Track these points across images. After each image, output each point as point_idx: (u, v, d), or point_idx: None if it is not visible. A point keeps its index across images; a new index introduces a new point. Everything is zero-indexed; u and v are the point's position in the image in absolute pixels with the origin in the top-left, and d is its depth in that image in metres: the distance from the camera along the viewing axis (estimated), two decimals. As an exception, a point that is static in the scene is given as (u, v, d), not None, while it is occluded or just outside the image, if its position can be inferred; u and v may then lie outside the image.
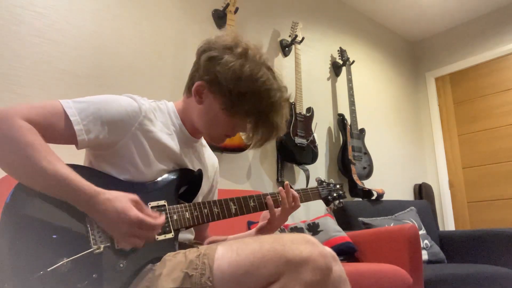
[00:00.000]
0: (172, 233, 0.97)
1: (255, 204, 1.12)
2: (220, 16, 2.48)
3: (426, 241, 2.61)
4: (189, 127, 1.12)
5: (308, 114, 2.72)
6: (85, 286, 0.82)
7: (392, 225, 2.52)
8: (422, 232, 2.65)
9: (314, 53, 3.15)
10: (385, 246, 2.01)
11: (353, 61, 3.24)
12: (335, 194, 1.34)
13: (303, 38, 2.83)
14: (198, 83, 1.05)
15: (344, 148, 2.96)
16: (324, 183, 1.35)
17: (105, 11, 2.03)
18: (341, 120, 3.03)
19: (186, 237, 1.12)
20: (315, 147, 2.67)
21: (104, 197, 0.86)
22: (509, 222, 3.41)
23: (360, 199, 2.90)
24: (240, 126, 1.08)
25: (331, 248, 0.97)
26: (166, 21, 2.27)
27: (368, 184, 3.13)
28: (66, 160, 0.89)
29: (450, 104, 3.94)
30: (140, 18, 2.16)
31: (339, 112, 3.15)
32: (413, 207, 2.85)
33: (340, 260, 0.98)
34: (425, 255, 2.53)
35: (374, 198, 2.82)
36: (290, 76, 2.84)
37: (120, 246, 0.89)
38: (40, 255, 0.81)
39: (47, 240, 0.83)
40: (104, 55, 1.99)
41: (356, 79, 3.40)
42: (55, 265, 0.81)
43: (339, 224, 2.35)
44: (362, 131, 3.14)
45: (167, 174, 1.04)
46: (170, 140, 1.06)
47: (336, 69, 3.28)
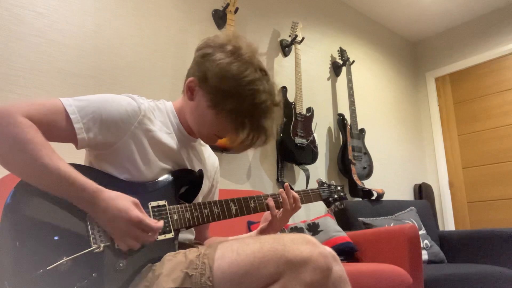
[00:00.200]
0: (172, 233, 0.97)
1: (255, 205, 1.12)
2: (220, 16, 2.48)
3: (426, 241, 2.61)
4: (187, 126, 1.11)
5: (308, 114, 2.72)
6: (85, 285, 0.83)
7: (392, 225, 2.52)
8: (422, 232, 2.65)
9: (314, 53, 3.15)
10: (385, 246, 2.01)
11: (353, 61, 3.24)
12: (336, 196, 1.33)
13: (303, 38, 2.83)
14: (189, 79, 1.05)
15: (344, 148, 2.96)
16: (325, 184, 1.34)
17: (105, 11, 2.03)
18: (341, 120, 3.03)
19: (187, 237, 1.12)
20: (315, 147, 2.67)
21: (106, 195, 0.86)
22: (509, 222, 3.41)
23: (360, 199, 2.90)
24: (225, 126, 1.04)
25: (331, 248, 0.97)
26: (166, 21, 2.27)
27: (368, 184, 3.12)
28: (66, 160, 0.89)
29: (450, 104, 3.94)
30: (140, 18, 2.16)
31: (339, 112, 3.15)
32: (413, 207, 2.85)
33: (340, 260, 0.98)
34: (425, 255, 2.53)
35: (374, 198, 2.81)
36: (290, 76, 2.84)
37: (119, 245, 0.89)
38: (40, 254, 0.81)
39: (47, 239, 0.83)
40: (104, 55, 1.99)
41: (356, 79, 3.40)
42: (55, 264, 0.81)
43: (339, 224, 2.35)
44: (362, 131, 3.14)
45: (168, 174, 1.04)
46: (169, 139, 1.06)
47: (336, 69, 3.29)
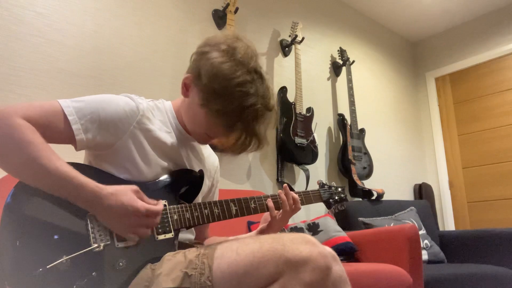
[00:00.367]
0: (172, 233, 0.97)
1: (255, 206, 1.12)
2: (220, 16, 2.48)
3: (426, 241, 2.61)
4: (185, 125, 1.11)
5: (308, 114, 2.72)
6: (84, 284, 0.83)
7: (392, 225, 2.52)
8: (422, 232, 2.65)
9: (314, 53, 3.15)
10: (385, 246, 2.01)
11: (353, 61, 3.24)
12: (337, 197, 1.32)
13: (303, 38, 2.83)
14: (186, 76, 1.05)
15: (344, 148, 2.96)
16: (326, 185, 1.33)
17: (105, 11, 2.03)
18: (341, 120, 3.03)
19: (187, 237, 1.12)
20: (315, 147, 2.67)
21: (107, 192, 0.87)
22: (509, 222, 3.41)
23: (360, 199, 2.90)
24: (215, 126, 1.02)
25: (331, 248, 0.97)
26: (166, 21, 2.27)
27: (368, 184, 3.12)
28: (66, 160, 0.89)
29: (450, 104, 3.94)
30: (140, 18, 2.16)
31: (339, 112, 3.15)
32: (413, 207, 2.85)
33: (340, 260, 0.98)
34: (425, 255, 2.53)
35: (374, 198, 2.81)
36: (290, 76, 2.84)
37: (128, 238, 0.89)
38: (40, 253, 0.81)
39: (47, 238, 0.83)
40: (104, 55, 1.99)
41: (356, 79, 3.40)
42: (55, 263, 0.81)
43: (339, 224, 2.35)
44: (362, 131, 3.14)
45: (168, 174, 1.04)
46: (169, 138, 1.06)
47: (336, 69, 3.29)
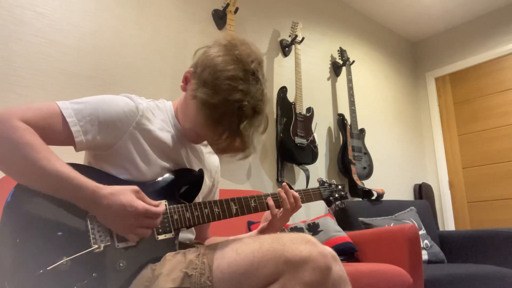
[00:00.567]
0: (173, 232, 0.97)
1: (256, 205, 1.12)
2: (220, 16, 2.48)
3: (426, 241, 2.61)
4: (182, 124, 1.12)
5: (308, 114, 2.72)
6: (85, 285, 0.83)
7: (392, 225, 2.52)
8: (422, 232, 2.65)
9: (314, 53, 3.15)
10: (385, 246, 2.01)
11: (353, 61, 3.24)
12: (337, 195, 1.32)
13: (303, 38, 2.83)
14: (187, 70, 1.05)
15: (344, 148, 2.96)
16: (326, 183, 1.33)
17: (105, 11, 2.03)
18: (341, 120, 3.03)
19: (187, 236, 1.12)
20: (315, 147, 2.67)
21: (107, 192, 0.87)
22: (509, 222, 3.41)
23: (360, 199, 2.90)
24: (201, 120, 0.98)
25: (331, 248, 0.97)
26: (166, 21, 2.27)
27: (368, 184, 3.12)
28: (65, 160, 0.89)
29: (450, 104, 3.94)
30: (140, 18, 2.16)
31: (339, 112, 3.15)
32: (413, 207, 2.85)
33: (340, 260, 0.98)
34: (425, 255, 2.53)
35: (374, 198, 2.81)
36: (290, 76, 2.84)
37: (129, 238, 0.89)
38: (40, 254, 0.81)
39: (47, 239, 0.83)
40: (104, 55, 1.99)
41: (356, 79, 3.40)
42: (55, 264, 0.81)
43: (339, 224, 2.35)
44: (362, 131, 3.14)
45: (168, 174, 1.04)
46: (169, 137, 1.06)
47: (336, 69, 3.29)
